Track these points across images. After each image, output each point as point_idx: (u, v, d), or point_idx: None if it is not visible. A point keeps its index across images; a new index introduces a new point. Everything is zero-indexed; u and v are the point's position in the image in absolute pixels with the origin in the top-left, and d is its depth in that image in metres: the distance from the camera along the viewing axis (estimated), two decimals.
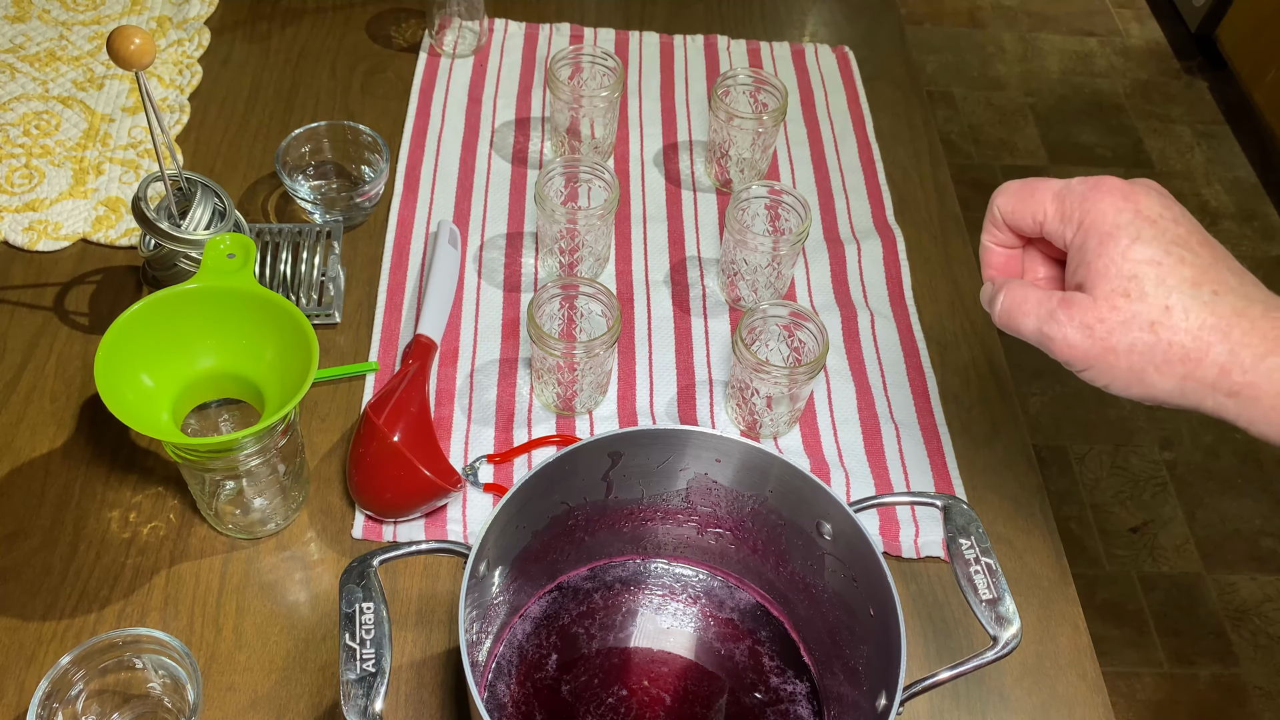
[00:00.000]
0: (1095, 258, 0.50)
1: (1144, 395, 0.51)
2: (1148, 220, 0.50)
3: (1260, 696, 1.66)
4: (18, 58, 1.06)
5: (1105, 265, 0.50)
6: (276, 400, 0.69)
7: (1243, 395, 0.48)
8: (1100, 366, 0.51)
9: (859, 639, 0.66)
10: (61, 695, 0.63)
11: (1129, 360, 0.50)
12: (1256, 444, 1.97)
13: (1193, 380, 0.49)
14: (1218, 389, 0.49)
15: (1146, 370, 0.49)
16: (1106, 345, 0.50)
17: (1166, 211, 0.51)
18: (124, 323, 0.68)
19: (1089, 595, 1.74)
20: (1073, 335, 0.51)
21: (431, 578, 0.76)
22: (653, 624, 0.73)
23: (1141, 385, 0.50)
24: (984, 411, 0.89)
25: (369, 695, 0.55)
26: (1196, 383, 0.49)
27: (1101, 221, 0.50)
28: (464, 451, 0.82)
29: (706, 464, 0.69)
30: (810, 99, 1.13)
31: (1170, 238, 0.49)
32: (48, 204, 0.94)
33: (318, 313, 0.88)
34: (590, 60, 1.01)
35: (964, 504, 0.65)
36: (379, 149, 0.96)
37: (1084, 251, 0.51)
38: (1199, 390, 0.49)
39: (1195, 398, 0.50)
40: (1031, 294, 0.53)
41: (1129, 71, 2.70)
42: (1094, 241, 0.50)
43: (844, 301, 0.95)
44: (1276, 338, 0.47)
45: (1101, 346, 0.50)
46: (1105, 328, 0.50)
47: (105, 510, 0.77)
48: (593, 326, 0.85)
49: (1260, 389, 0.47)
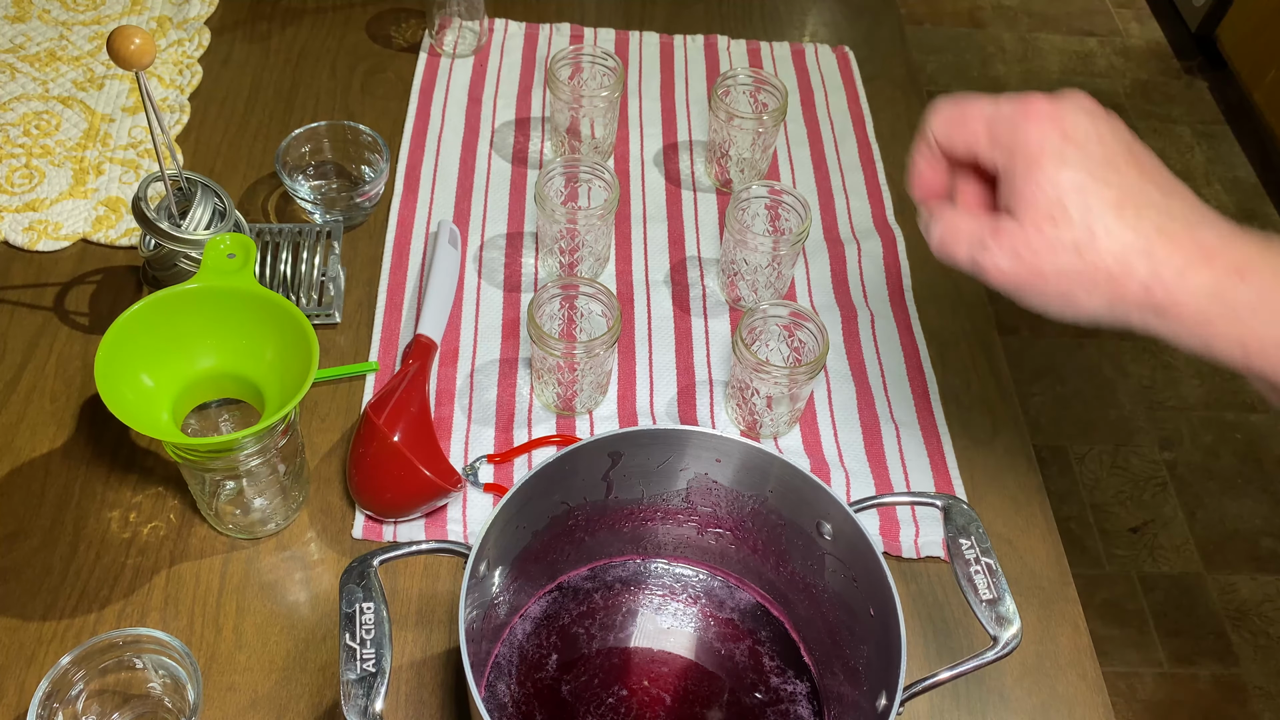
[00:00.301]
0: (1022, 184, 0.51)
1: (1076, 316, 0.52)
2: (1073, 143, 0.50)
3: (1260, 696, 1.66)
4: (18, 58, 1.06)
5: (1032, 191, 0.50)
6: (276, 400, 0.69)
7: (1167, 313, 0.49)
8: (1031, 291, 0.52)
9: (859, 639, 0.66)
10: (61, 695, 0.63)
11: (1058, 284, 0.51)
12: (1257, 444, 1.97)
13: (1120, 300, 0.50)
14: (1144, 307, 0.50)
15: (1075, 293, 0.51)
16: (1035, 270, 0.51)
17: (1093, 130, 0.51)
18: (124, 323, 0.68)
19: (1089, 595, 1.74)
20: (1003, 262, 0.51)
21: (431, 578, 0.76)
22: (653, 624, 0.73)
23: (1073, 307, 0.51)
24: (984, 411, 0.89)
25: (369, 695, 0.55)
26: (1123, 302, 0.50)
27: (1028, 146, 0.51)
28: (464, 451, 0.82)
29: (706, 464, 0.69)
30: (810, 99, 1.13)
31: (1096, 159, 0.50)
32: (48, 204, 0.94)
33: (318, 313, 0.88)
34: (590, 60, 1.01)
35: (964, 504, 0.65)
36: (379, 149, 0.96)
37: (1012, 177, 0.51)
38: (1126, 309, 0.50)
39: (1124, 316, 0.51)
40: (963, 223, 0.54)
41: (1129, 71, 2.70)
42: (1021, 167, 0.51)
43: (844, 301, 0.95)
44: (1198, 253, 0.48)
45: (1030, 272, 0.51)
46: (1033, 253, 0.50)
47: (105, 510, 0.77)
48: (593, 326, 0.85)
49: (1183, 306, 0.48)
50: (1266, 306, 0.47)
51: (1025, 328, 2.10)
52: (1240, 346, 0.48)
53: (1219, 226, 0.49)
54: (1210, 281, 0.48)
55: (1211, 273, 0.48)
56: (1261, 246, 0.48)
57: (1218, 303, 0.48)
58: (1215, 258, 0.48)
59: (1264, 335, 0.47)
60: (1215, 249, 0.48)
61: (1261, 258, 0.48)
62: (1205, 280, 0.48)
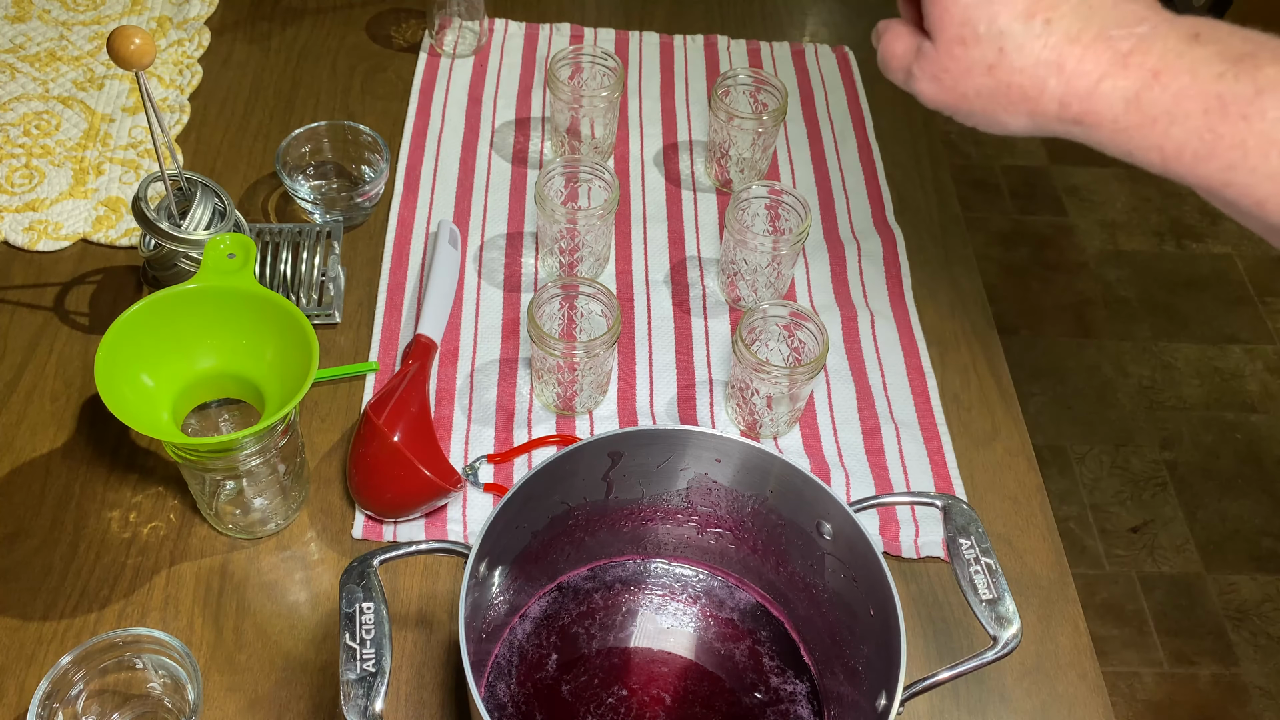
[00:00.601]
0: (932, 5, 0.50)
1: (1006, 132, 0.51)
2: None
3: (1260, 696, 1.66)
4: (18, 58, 1.06)
5: (941, 13, 0.49)
6: (276, 400, 0.69)
7: (1085, 122, 0.48)
8: (959, 112, 0.51)
9: (859, 639, 0.66)
10: (62, 695, 0.63)
11: (979, 104, 0.50)
12: (1257, 444, 1.97)
13: (1039, 115, 0.49)
14: (1062, 120, 0.49)
15: (996, 112, 0.50)
16: (957, 93, 0.50)
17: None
18: (124, 323, 0.68)
19: (1089, 595, 1.74)
20: (928, 88, 0.51)
21: (431, 578, 0.76)
22: (653, 624, 0.73)
23: (999, 125, 0.51)
24: (984, 411, 0.89)
25: (369, 695, 0.55)
26: (1043, 116, 0.49)
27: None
28: (464, 451, 0.82)
29: (706, 464, 0.69)
30: (810, 99, 1.13)
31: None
32: (48, 204, 0.94)
33: (318, 313, 0.88)
34: (590, 60, 1.01)
35: (964, 504, 0.65)
36: (379, 149, 0.96)
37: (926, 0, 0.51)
38: (1048, 123, 0.49)
39: (1049, 129, 0.50)
40: (899, 44, 0.53)
41: None
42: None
43: (844, 301, 0.95)
44: (1112, 59, 0.46)
45: (953, 95, 0.51)
46: (951, 77, 0.50)
47: (105, 510, 0.77)
48: (593, 326, 0.85)
49: (1099, 114, 0.47)
50: (1181, 109, 0.45)
51: (1025, 328, 2.10)
52: (1158, 152, 0.46)
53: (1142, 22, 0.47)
54: (1125, 88, 0.46)
55: (1126, 79, 0.46)
56: (1183, 41, 0.46)
57: (1134, 110, 0.46)
58: (1130, 62, 0.46)
59: (1180, 139, 0.45)
60: (1130, 52, 0.46)
61: (1179, 55, 0.45)
62: (1120, 87, 0.46)
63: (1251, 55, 0.44)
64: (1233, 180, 0.45)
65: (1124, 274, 2.22)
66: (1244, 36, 0.45)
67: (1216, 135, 0.44)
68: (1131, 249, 2.26)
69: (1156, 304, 2.18)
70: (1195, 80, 0.45)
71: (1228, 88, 0.44)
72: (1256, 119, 0.43)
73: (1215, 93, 0.44)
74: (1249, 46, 0.45)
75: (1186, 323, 2.16)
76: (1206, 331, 2.15)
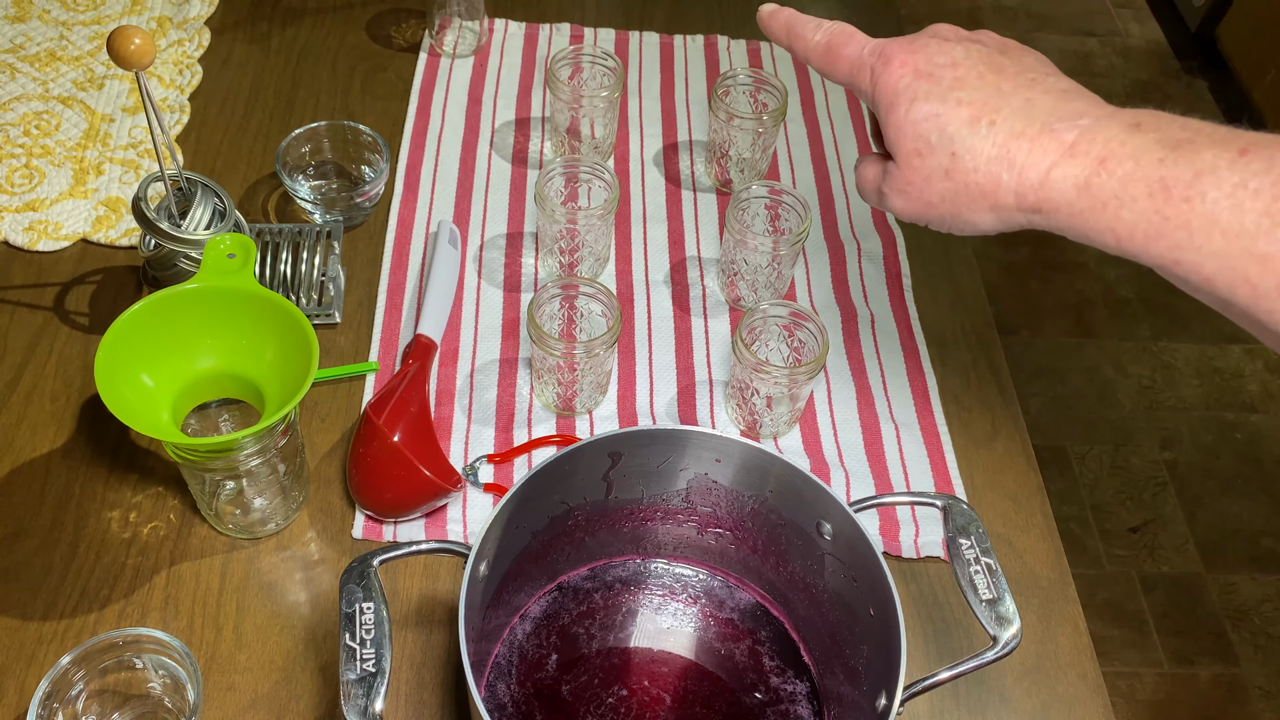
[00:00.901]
0: (887, 127, 0.54)
1: (976, 231, 0.54)
2: (924, 76, 0.53)
3: (1260, 696, 1.66)
4: (18, 58, 1.06)
5: (895, 132, 0.53)
6: (276, 400, 0.69)
7: (1043, 209, 0.51)
8: (930, 218, 0.55)
9: (859, 639, 0.66)
10: (61, 695, 0.63)
11: (945, 208, 0.54)
12: (1257, 444, 1.97)
13: (1000, 209, 0.52)
14: (1023, 210, 0.51)
15: (961, 212, 0.53)
16: (923, 201, 0.54)
17: (943, 59, 0.53)
18: (124, 323, 0.68)
19: (1089, 595, 1.74)
20: (897, 201, 0.55)
21: (431, 578, 0.76)
22: (653, 624, 0.73)
23: (967, 225, 0.54)
24: (984, 411, 0.89)
25: (369, 695, 0.55)
26: (1005, 209, 0.52)
27: (885, 92, 0.54)
28: (464, 451, 0.82)
29: (706, 464, 0.69)
30: (810, 99, 1.13)
31: (946, 85, 0.52)
32: (48, 204, 0.94)
33: (318, 313, 0.88)
34: (590, 60, 1.01)
35: (964, 504, 0.65)
36: (379, 149, 0.96)
37: (882, 123, 0.55)
38: (1010, 215, 0.52)
39: (1014, 222, 0.53)
40: (869, 170, 0.57)
41: (1129, 71, 2.70)
42: (884, 113, 0.54)
43: (844, 301, 0.95)
44: (1056, 148, 0.49)
45: (920, 203, 0.54)
46: (915, 188, 0.54)
47: (105, 510, 0.77)
48: (593, 326, 0.85)
49: (1054, 201, 0.50)
50: (1128, 193, 0.48)
51: (1025, 328, 2.10)
52: (1112, 234, 0.49)
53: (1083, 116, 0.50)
54: (1075, 174, 0.49)
55: (1075, 166, 0.49)
56: (1124, 131, 0.49)
57: (1085, 194, 0.49)
58: (1076, 151, 0.49)
59: (1130, 221, 0.48)
60: (1075, 143, 0.49)
61: (1121, 144, 0.48)
62: (1070, 174, 0.49)
63: (1189, 141, 0.47)
64: (1181, 259, 0.47)
65: (1124, 274, 2.22)
66: (1182, 124, 0.48)
67: (1163, 217, 0.47)
68: None
69: (1156, 304, 2.18)
70: (1139, 165, 0.48)
71: (1169, 172, 0.47)
72: (1197, 200, 0.46)
73: (1158, 177, 0.47)
74: (1187, 133, 0.48)
75: (1186, 323, 2.16)
76: (1206, 331, 2.15)
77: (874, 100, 0.55)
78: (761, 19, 0.60)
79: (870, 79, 0.55)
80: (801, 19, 0.59)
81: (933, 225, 0.55)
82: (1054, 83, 0.53)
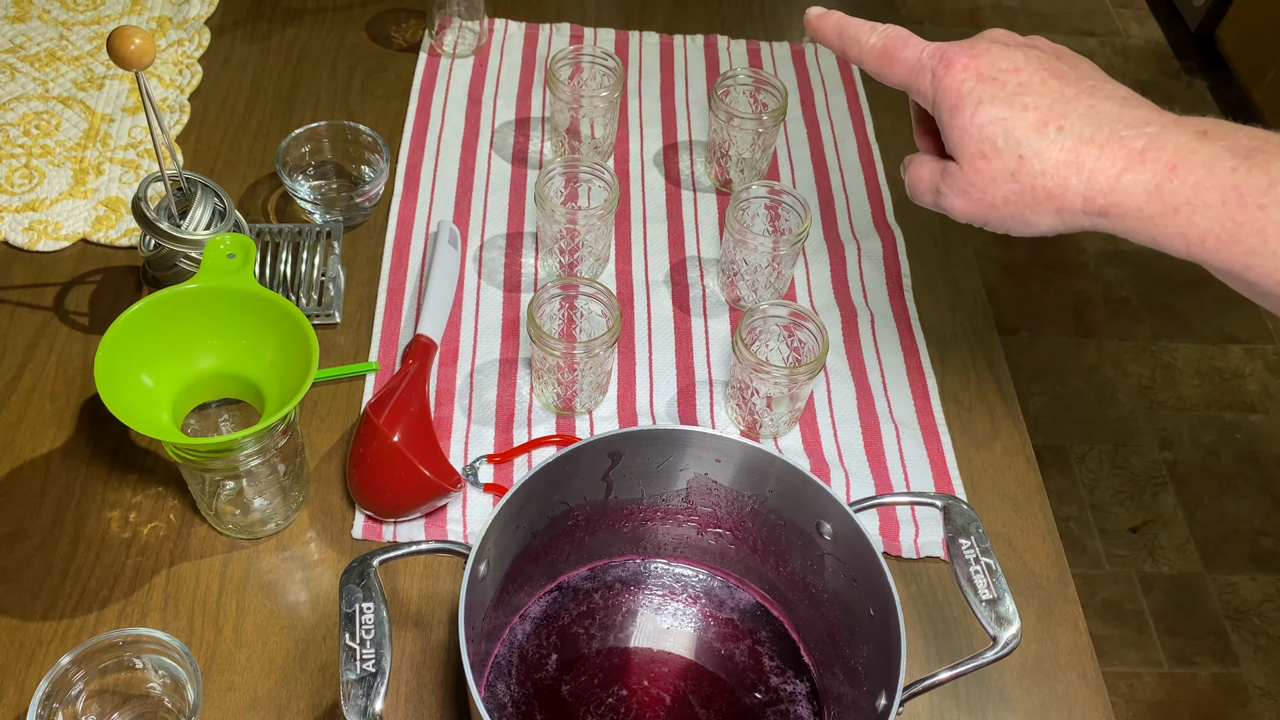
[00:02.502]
0: (950, 130, 0.55)
1: (1036, 232, 0.55)
2: (988, 80, 0.53)
3: (1260, 696, 1.66)
4: (18, 58, 1.06)
5: (959, 136, 0.54)
6: (276, 400, 0.69)
7: (1111, 213, 0.52)
8: (991, 220, 0.55)
9: (859, 639, 0.66)
10: (61, 695, 0.63)
11: (1008, 210, 0.54)
12: (1257, 444, 1.97)
13: (1065, 212, 0.53)
14: (1088, 213, 0.52)
15: (1025, 214, 0.54)
16: (985, 203, 0.55)
17: (1006, 64, 0.54)
18: (124, 323, 0.68)
19: (1089, 595, 1.74)
20: (957, 202, 0.56)
21: (431, 578, 0.76)
22: (653, 624, 0.73)
23: (1029, 226, 0.55)
24: (984, 411, 0.89)
25: (369, 695, 0.55)
26: (1070, 212, 0.53)
27: (948, 95, 0.54)
28: (464, 451, 0.82)
29: (706, 464, 0.69)
30: (810, 99, 1.13)
31: (1011, 90, 0.53)
32: (48, 204, 0.94)
33: (318, 313, 0.88)
34: (590, 60, 1.01)
35: (964, 504, 0.65)
36: (379, 149, 0.96)
37: (943, 125, 0.55)
38: (1075, 218, 0.53)
39: (1076, 224, 0.54)
40: (924, 170, 0.58)
41: (1129, 72, 2.70)
42: (946, 115, 0.55)
43: (844, 301, 0.95)
44: (1126, 154, 0.51)
45: (982, 205, 0.55)
46: (978, 190, 0.54)
47: (105, 510, 0.77)
48: (593, 326, 0.85)
49: (1123, 205, 0.51)
50: (1201, 199, 0.49)
51: (1025, 328, 2.10)
52: (1182, 238, 0.50)
53: (1149, 124, 0.51)
54: (1145, 180, 0.50)
55: (1145, 172, 0.50)
56: (1194, 139, 0.50)
57: (1156, 200, 0.50)
58: (1146, 157, 0.50)
59: (1203, 227, 0.49)
60: (1145, 149, 0.50)
61: (1192, 151, 0.50)
62: (1140, 180, 0.50)
63: (1259, 150, 0.49)
64: (1254, 264, 0.49)
65: (1124, 274, 2.22)
66: (1248, 133, 0.50)
67: (1237, 223, 0.48)
68: (1131, 249, 2.26)
69: (1156, 304, 2.18)
70: (1211, 173, 0.49)
71: (1242, 180, 0.48)
72: (1272, 208, 0.48)
73: (1232, 184, 0.48)
74: (1255, 142, 0.49)
75: (1186, 323, 2.16)
76: (1206, 331, 2.15)
77: (935, 103, 0.55)
78: (810, 22, 0.60)
79: (931, 82, 0.55)
80: (853, 22, 0.59)
81: (990, 226, 0.56)
82: (1113, 89, 0.54)
